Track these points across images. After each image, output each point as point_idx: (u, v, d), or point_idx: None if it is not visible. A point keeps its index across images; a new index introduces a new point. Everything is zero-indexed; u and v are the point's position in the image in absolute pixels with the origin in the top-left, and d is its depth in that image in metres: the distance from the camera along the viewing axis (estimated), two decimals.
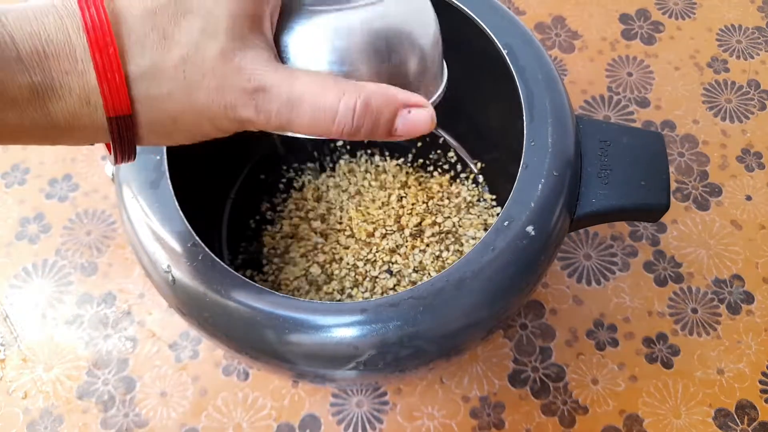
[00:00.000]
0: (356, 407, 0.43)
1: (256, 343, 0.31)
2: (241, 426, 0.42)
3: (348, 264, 0.43)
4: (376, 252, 0.43)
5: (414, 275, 0.42)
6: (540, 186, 0.32)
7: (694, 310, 0.46)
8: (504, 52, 0.36)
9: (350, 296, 0.42)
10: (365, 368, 0.30)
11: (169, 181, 0.32)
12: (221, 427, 0.42)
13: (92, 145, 0.26)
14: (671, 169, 0.51)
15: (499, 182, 0.46)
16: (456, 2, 0.37)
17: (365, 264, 0.43)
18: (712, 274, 0.48)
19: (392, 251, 0.43)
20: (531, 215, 0.32)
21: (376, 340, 0.29)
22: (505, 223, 0.31)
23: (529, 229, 0.31)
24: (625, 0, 0.60)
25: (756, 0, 0.60)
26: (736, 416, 0.43)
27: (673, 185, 0.51)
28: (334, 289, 0.42)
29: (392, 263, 0.43)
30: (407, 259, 0.43)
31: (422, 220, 0.44)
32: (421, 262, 0.43)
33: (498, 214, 0.35)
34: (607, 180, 0.35)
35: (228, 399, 0.43)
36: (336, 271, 0.42)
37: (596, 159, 0.35)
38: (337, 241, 0.44)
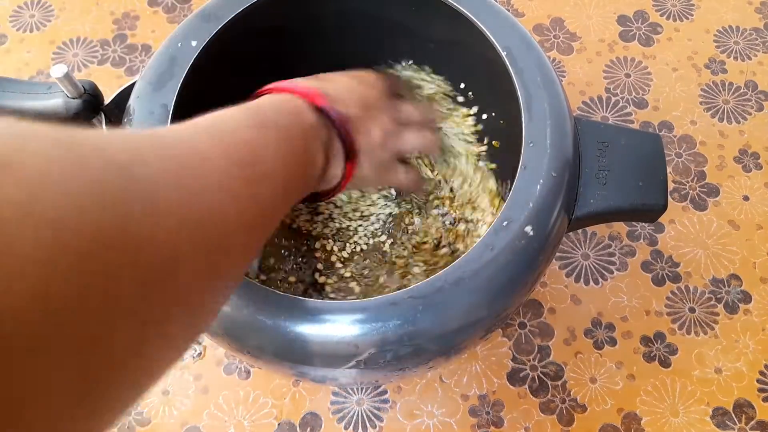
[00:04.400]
0: (356, 405, 0.43)
1: (256, 343, 0.31)
2: (243, 424, 0.43)
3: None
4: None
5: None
6: (538, 187, 0.33)
7: (692, 310, 0.47)
8: (503, 54, 0.36)
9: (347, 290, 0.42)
10: (365, 366, 0.31)
11: None
12: (223, 426, 0.43)
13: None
14: (669, 169, 0.52)
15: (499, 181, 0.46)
16: (455, 5, 0.37)
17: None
18: (709, 274, 0.48)
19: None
20: (529, 215, 0.32)
21: (377, 338, 0.30)
22: (504, 223, 0.32)
23: (528, 229, 0.32)
24: (623, 2, 0.60)
25: (754, 1, 0.60)
26: (733, 415, 0.43)
27: (671, 185, 0.51)
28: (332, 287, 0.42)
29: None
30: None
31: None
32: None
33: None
34: (605, 181, 0.35)
35: (229, 397, 0.43)
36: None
37: (594, 160, 0.36)
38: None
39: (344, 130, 0.32)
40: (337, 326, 0.30)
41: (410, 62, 0.47)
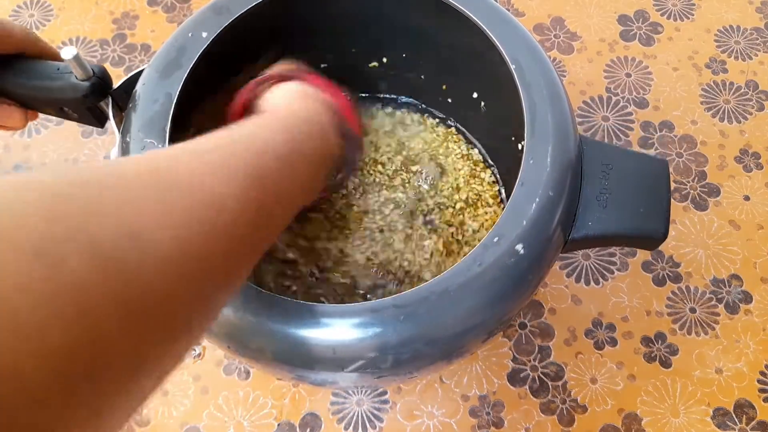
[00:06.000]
0: (356, 406, 0.43)
1: (254, 347, 0.31)
2: (242, 425, 0.43)
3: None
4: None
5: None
6: (534, 205, 0.32)
7: (693, 310, 0.47)
8: (512, 68, 0.35)
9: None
10: (349, 372, 0.30)
11: None
12: (222, 426, 0.43)
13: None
14: (669, 169, 0.51)
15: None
16: (467, 12, 0.37)
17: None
18: (710, 274, 0.48)
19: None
20: (522, 233, 0.31)
21: (361, 346, 0.29)
22: (495, 239, 0.31)
23: (519, 247, 0.31)
24: (623, 1, 0.60)
25: (754, 1, 0.60)
26: (734, 415, 0.43)
27: (672, 185, 0.51)
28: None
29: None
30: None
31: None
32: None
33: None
34: (606, 203, 0.34)
35: (229, 398, 0.43)
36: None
37: (597, 181, 0.35)
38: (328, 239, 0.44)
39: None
40: (321, 333, 0.30)
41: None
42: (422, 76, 0.47)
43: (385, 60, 0.47)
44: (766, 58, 0.57)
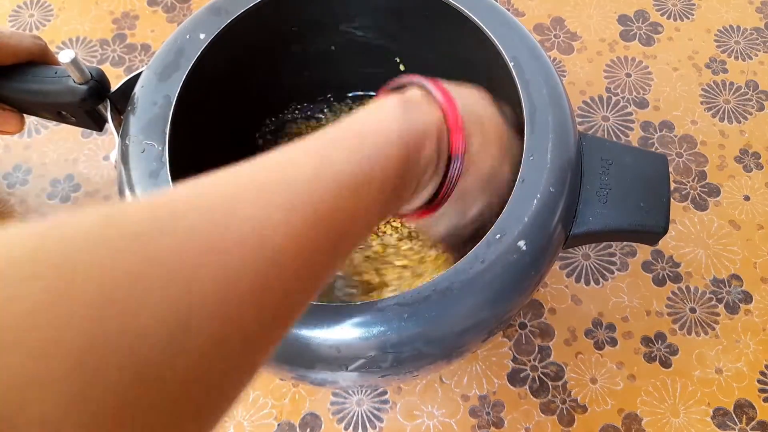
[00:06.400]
0: (356, 406, 0.43)
1: None
2: (242, 424, 0.43)
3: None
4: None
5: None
6: (535, 201, 0.32)
7: (693, 310, 0.47)
8: (510, 65, 0.36)
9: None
10: (347, 371, 0.30)
11: (168, 171, 0.33)
12: (222, 426, 0.43)
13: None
14: (669, 169, 0.51)
15: None
16: (466, 12, 0.37)
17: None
18: (710, 274, 0.48)
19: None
20: (524, 230, 0.31)
21: (362, 345, 0.29)
22: (497, 236, 0.31)
23: (521, 243, 0.31)
24: (623, 1, 0.60)
25: (754, 1, 0.60)
26: (734, 415, 0.43)
27: (672, 185, 0.51)
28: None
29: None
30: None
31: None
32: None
33: None
34: (606, 199, 0.34)
35: None
36: None
37: (597, 177, 0.35)
38: None
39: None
40: (316, 332, 0.30)
41: None
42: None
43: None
44: (766, 58, 0.57)
